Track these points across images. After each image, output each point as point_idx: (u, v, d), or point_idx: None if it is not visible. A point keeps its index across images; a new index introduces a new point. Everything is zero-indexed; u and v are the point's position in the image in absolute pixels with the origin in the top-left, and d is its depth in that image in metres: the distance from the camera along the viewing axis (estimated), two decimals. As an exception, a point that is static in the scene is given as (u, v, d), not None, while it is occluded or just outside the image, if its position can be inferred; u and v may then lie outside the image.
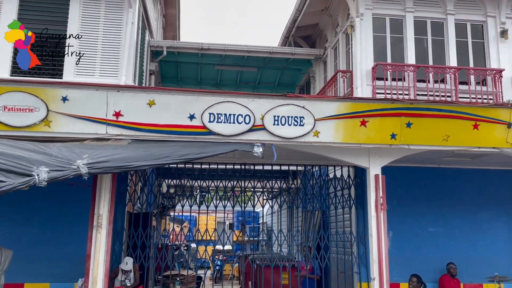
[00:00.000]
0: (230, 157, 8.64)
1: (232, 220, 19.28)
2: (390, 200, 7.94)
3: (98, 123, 5.98)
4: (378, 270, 6.15)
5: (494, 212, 8.85)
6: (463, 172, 8.94)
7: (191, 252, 11.76)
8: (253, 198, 9.95)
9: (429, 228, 8.75)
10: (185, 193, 9.49)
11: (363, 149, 6.63)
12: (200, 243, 9.64)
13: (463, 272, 8.35)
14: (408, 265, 8.25)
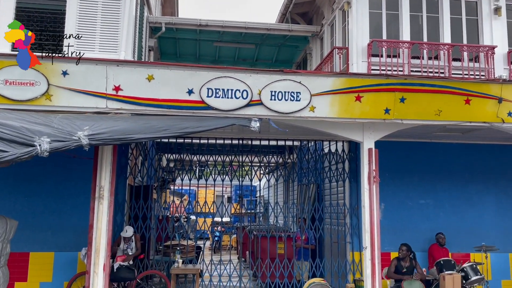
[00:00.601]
0: (228, 132, 8.85)
1: (231, 194, 19.64)
2: (382, 173, 8.19)
3: (98, 97, 6.11)
4: (370, 239, 6.42)
5: (482, 185, 9.15)
6: (453, 146, 9.19)
7: (191, 223, 12.09)
8: (250, 172, 10.19)
9: (420, 200, 9.06)
10: (184, 167, 9.72)
11: (358, 123, 6.81)
12: (199, 215, 9.94)
13: (451, 242, 8.70)
14: (399, 235, 8.59)
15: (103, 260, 5.87)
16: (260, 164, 10.01)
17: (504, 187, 9.19)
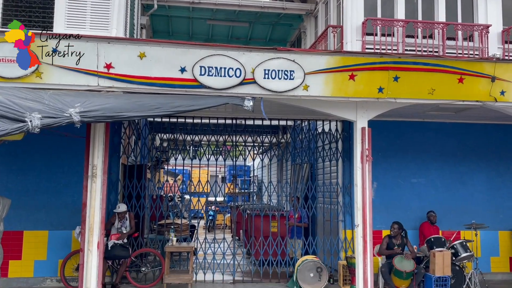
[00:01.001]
0: (222, 112, 8.82)
1: (224, 174, 19.70)
2: (375, 152, 8.25)
3: (89, 75, 6.03)
4: (362, 217, 6.49)
5: (474, 164, 9.24)
6: (445, 126, 9.24)
7: (185, 203, 12.15)
8: (244, 152, 10.21)
9: (412, 179, 9.15)
10: (178, 147, 9.70)
11: (351, 102, 6.81)
12: (193, 194, 9.97)
13: (442, 220, 8.83)
14: (390, 214, 8.69)
15: (97, 238, 5.90)
16: (253, 144, 10.02)
17: (495, 165, 9.29)
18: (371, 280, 6.24)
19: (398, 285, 7.55)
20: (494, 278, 8.92)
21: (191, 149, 10.80)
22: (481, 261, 8.65)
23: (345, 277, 8.28)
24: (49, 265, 8.06)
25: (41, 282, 8.05)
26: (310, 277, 8.03)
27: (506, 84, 6.43)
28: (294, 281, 8.12)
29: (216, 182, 9.44)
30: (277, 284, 8.49)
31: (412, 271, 7.46)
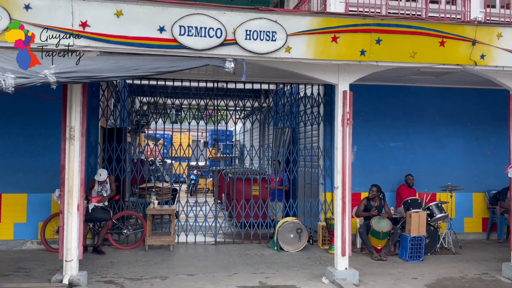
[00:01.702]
0: (203, 74, 8.68)
1: (206, 138, 19.67)
2: (356, 116, 8.25)
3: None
4: (341, 180, 6.57)
5: (451, 129, 9.41)
6: (426, 90, 9.33)
7: (167, 167, 12.14)
8: (226, 116, 10.15)
9: (391, 143, 9.29)
10: (158, 110, 9.58)
11: (333, 65, 6.75)
12: (175, 159, 9.94)
13: (419, 182, 9.05)
14: (369, 176, 8.87)
15: (76, 200, 5.86)
16: (235, 108, 9.96)
17: (472, 130, 9.47)
18: (349, 240, 6.40)
19: (375, 244, 7.80)
20: (466, 238, 9.28)
21: (172, 113, 10.69)
22: (455, 222, 8.96)
23: (324, 238, 8.49)
24: (29, 228, 8.03)
25: (22, 244, 8.04)
26: (290, 238, 8.22)
27: (486, 48, 6.44)
28: (274, 241, 8.30)
29: (198, 146, 9.40)
30: (258, 245, 8.67)
31: (388, 231, 7.69)
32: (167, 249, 8.11)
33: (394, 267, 7.25)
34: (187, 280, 6.34)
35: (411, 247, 7.59)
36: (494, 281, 6.60)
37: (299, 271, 6.87)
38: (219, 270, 6.84)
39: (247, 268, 7.01)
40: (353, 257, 7.34)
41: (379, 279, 6.52)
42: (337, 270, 6.33)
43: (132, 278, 6.34)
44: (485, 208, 9.51)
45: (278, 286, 6.10)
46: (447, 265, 7.41)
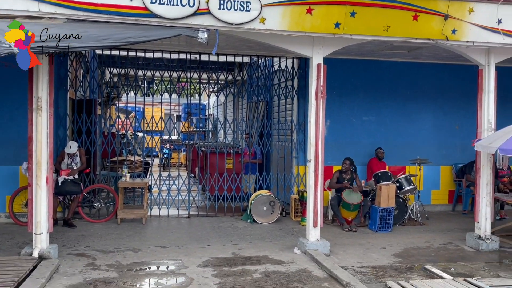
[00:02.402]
0: (175, 45, 8.49)
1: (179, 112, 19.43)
2: (329, 90, 8.28)
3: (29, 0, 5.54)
4: (314, 153, 6.62)
5: (422, 103, 9.59)
6: (398, 65, 9.42)
7: (138, 140, 11.97)
8: (199, 89, 10.01)
9: (363, 117, 9.41)
10: (129, 82, 9.35)
11: (308, 38, 6.70)
12: (147, 133, 9.79)
13: (390, 156, 9.25)
14: (342, 150, 8.99)
15: (45, 172, 5.71)
16: (209, 81, 9.82)
17: (441, 104, 9.68)
18: (320, 212, 6.51)
19: (346, 216, 7.98)
20: (433, 209, 9.61)
21: (144, 86, 10.46)
22: (423, 194, 9.25)
23: (296, 210, 8.63)
24: (-3, 201, 7.83)
25: (-11, 218, 7.85)
26: (264, 210, 8.31)
27: (458, 23, 6.51)
28: (248, 214, 8.37)
29: (170, 119, 9.28)
30: (231, 217, 8.73)
31: (359, 203, 7.87)
32: (140, 222, 8.07)
33: (363, 237, 7.45)
34: (160, 252, 6.35)
35: (381, 219, 7.81)
36: (458, 250, 6.89)
37: (272, 242, 6.98)
38: (193, 242, 6.87)
39: (220, 240, 7.07)
40: (324, 228, 7.48)
41: (349, 249, 6.70)
42: (309, 241, 6.46)
43: (104, 251, 6.30)
44: (451, 181, 9.83)
45: (251, 257, 6.19)
46: (414, 235, 7.68)
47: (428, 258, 6.38)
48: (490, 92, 6.88)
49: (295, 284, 5.10)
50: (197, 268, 5.63)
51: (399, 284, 4.89)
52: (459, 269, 5.88)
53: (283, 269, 5.64)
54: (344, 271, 5.46)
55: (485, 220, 6.91)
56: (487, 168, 6.91)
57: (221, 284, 5.06)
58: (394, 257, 6.41)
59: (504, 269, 5.91)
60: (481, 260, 6.37)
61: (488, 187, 6.91)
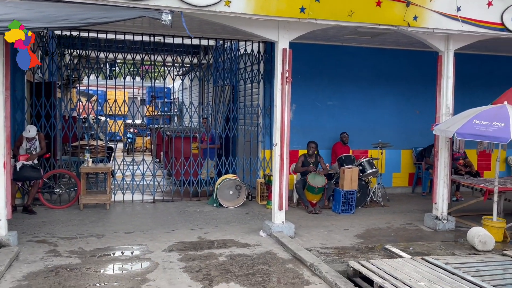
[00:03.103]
0: (138, 27, 8.27)
1: (143, 96, 19.03)
2: (295, 75, 8.32)
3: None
4: (280, 137, 6.67)
5: (384, 89, 9.81)
6: (362, 50, 9.57)
7: (101, 124, 11.67)
8: (163, 72, 9.85)
9: (328, 101, 9.54)
10: (91, 65, 9.06)
11: (273, 22, 6.68)
12: (110, 117, 9.56)
13: (354, 140, 9.45)
14: (307, 134, 9.11)
15: (2, 157, 5.49)
16: (173, 64, 9.66)
17: (403, 90, 9.93)
18: (286, 195, 6.60)
19: (311, 199, 8.13)
20: (394, 192, 9.94)
21: (105, 68, 10.16)
22: (384, 177, 9.54)
23: (262, 194, 8.71)
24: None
25: None
26: (230, 195, 8.34)
27: (419, 10, 6.66)
28: (214, 198, 8.38)
29: (134, 102, 9.08)
30: (197, 202, 8.72)
31: (323, 186, 8.02)
32: (103, 208, 7.93)
33: (327, 219, 7.63)
34: (125, 237, 6.28)
35: (344, 201, 8.01)
36: (416, 230, 7.17)
37: (238, 226, 7.04)
38: (158, 227, 6.83)
39: (186, 224, 7.06)
40: (289, 211, 7.61)
41: (313, 231, 6.85)
42: (274, 223, 6.55)
43: (66, 237, 6.17)
44: (411, 164, 10.18)
45: (216, 240, 6.22)
46: (375, 216, 7.93)
47: (389, 239, 6.61)
48: (449, 78, 7.12)
49: (261, 266, 5.18)
50: (162, 252, 5.61)
51: (360, 263, 5.05)
52: (417, 248, 6.13)
53: (248, 252, 5.71)
54: (308, 252, 5.59)
55: (442, 201, 7.22)
56: (444, 151, 7.19)
57: (187, 268, 5.07)
58: (356, 238, 6.60)
59: (459, 248, 6.21)
60: (438, 239, 6.66)
61: (446, 169, 7.19)
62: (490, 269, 5.03)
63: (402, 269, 4.85)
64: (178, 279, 4.73)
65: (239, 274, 4.90)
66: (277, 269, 5.13)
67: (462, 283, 4.51)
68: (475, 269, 4.99)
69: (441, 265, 5.01)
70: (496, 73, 10.23)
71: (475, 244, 6.07)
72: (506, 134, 5.79)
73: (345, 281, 4.63)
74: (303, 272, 5.02)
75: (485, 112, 6.32)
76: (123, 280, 4.69)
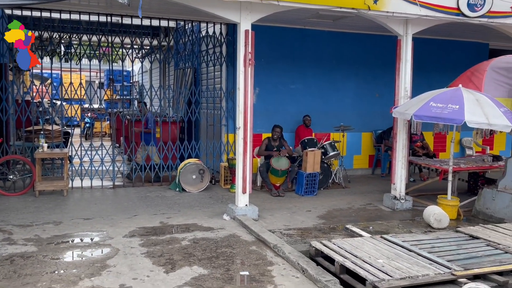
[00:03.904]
0: (94, 6, 7.94)
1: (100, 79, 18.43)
2: (258, 58, 8.28)
3: None
4: (243, 120, 6.63)
5: (346, 72, 9.92)
6: (324, 34, 9.61)
7: (57, 109, 11.20)
8: (122, 54, 9.54)
9: (291, 85, 9.56)
10: (44, 46, 8.62)
11: (235, 2, 6.57)
12: (67, 101, 9.17)
13: (316, 123, 9.55)
14: (271, 118, 9.12)
15: None
16: (132, 46, 9.36)
17: (364, 73, 10.08)
18: (249, 178, 6.60)
19: (274, 182, 8.18)
20: (355, 173, 10.16)
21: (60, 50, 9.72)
22: (346, 159, 9.72)
23: (226, 178, 8.67)
24: None
25: None
26: (193, 179, 8.25)
27: (380, -7, 6.74)
28: (176, 183, 8.28)
29: (91, 85, 8.74)
30: (159, 187, 8.58)
31: (286, 169, 8.08)
32: (60, 194, 7.67)
33: (290, 202, 7.71)
34: (83, 224, 6.10)
35: (307, 183, 8.10)
36: (376, 210, 7.37)
37: (201, 210, 6.99)
38: (118, 213, 6.67)
39: (147, 210, 6.94)
40: (253, 194, 7.64)
41: (276, 214, 6.91)
42: (238, 207, 6.54)
43: (21, 225, 5.92)
44: (372, 146, 10.41)
45: (179, 225, 6.15)
46: (337, 198, 8.08)
47: (350, 219, 6.76)
48: (407, 61, 7.27)
49: (224, 249, 5.17)
50: (123, 238, 5.50)
51: (322, 243, 5.14)
52: (376, 227, 6.31)
53: (212, 236, 5.68)
54: (271, 234, 5.63)
55: (400, 182, 7.43)
56: (403, 134, 7.38)
57: (149, 253, 4.99)
58: (318, 219, 6.71)
59: (416, 226, 6.44)
60: (396, 218, 6.88)
61: (404, 151, 7.40)
62: (445, 245, 5.24)
63: (362, 248, 4.97)
64: (139, 264, 4.65)
65: (202, 258, 4.87)
66: (240, 251, 5.14)
67: (418, 259, 4.67)
68: (430, 246, 5.18)
69: (398, 243, 5.17)
70: (451, 57, 10.56)
71: (431, 222, 6.31)
72: (461, 116, 6.00)
73: (307, 260, 4.70)
74: (267, 254, 5.05)
75: (441, 95, 6.52)
76: (82, 266, 4.56)
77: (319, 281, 4.21)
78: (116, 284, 4.16)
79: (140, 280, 4.27)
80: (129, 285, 4.16)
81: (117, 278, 4.31)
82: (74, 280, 4.23)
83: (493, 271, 4.43)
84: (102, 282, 4.19)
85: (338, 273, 4.57)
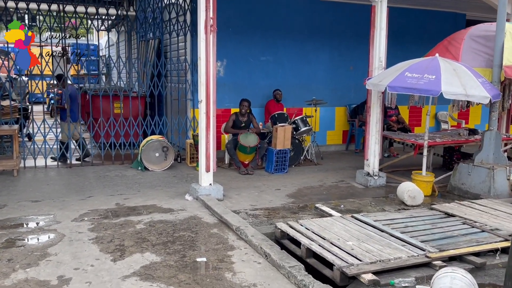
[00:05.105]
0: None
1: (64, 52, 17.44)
2: (225, 28, 7.76)
3: None
4: (205, 92, 6.13)
5: (319, 43, 9.42)
6: (296, 2, 9.06)
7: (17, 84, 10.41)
8: (86, 25, 8.83)
9: (261, 57, 9.03)
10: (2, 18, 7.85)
11: (197, -37, 6.00)
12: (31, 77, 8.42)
13: (287, 97, 9.08)
14: (239, 92, 8.61)
15: None
16: (97, 17, 8.63)
17: (337, 45, 9.61)
18: (213, 156, 6.12)
19: (242, 159, 7.74)
20: (328, 150, 9.80)
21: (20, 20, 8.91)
22: (318, 135, 9.33)
23: (192, 155, 8.19)
24: None
25: None
26: (156, 157, 7.75)
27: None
28: (138, 161, 7.76)
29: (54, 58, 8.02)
30: (120, 166, 8.04)
31: (255, 146, 7.63)
32: (11, 174, 7.07)
33: (259, 180, 7.30)
34: (31, 207, 5.56)
35: (277, 160, 7.69)
36: (348, 187, 7.04)
37: (163, 190, 6.52)
38: (71, 194, 6.15)
39: (104, 190, 6.42)
40: (221, 173, 7.21)
41: (243, 193, 6.49)
42: (201, 186, 6.09)
43: (-42, 210, 5.36)
44: (345, 122, 10.04)
45: (137, 206, 5.68)
46: (308, 175, 7.71)
47: (320, 197, 6.40)
48: (382, 29, 6.81)
49: (182, 233, 4.74)
50: (71, 222, 5.00)
51: (288, 224, 4.76)
52: (348, 205, 5.96)
53: (171, 218, 5.24)
54: (235, 215, 5.21)
55: (374, 158, 7.09)
56: (376, 107, 6.99)
57: (98, 238, 4.52)
58: (287, 197, 6.33)
59: (389, 203, 6.12)
60: (369, 195, 6.56)
61: (378, 125, 7.03)
62: (419, 224, 4.93)
63: (331, 229, 4.61)
64: (84, 252, 4.18)
65: (157, 243, 4.43)
66: (200, 235, 4.72)
67: (390, 240, 4.34)
68: (404, 225, 4.86)
69: (370, 223, 4.83)
70: (428, 28, 10.17)
71: (405, 199, 6.00)
72: (437, 86, 5.64)
73: (271, 244, 4.31)
74: (228, 237, 4.65)
75: (416, 65, 6.13)
76: (19, 255, 4.07)
77: (283, 267, 3.83)
78: (54, 276, 3.69)
79: (83, 270, 3.80)
80: (69, 276, 3.70)
81: (57, 268, 3.83)
82: (6, 272, 3.74)
83: (469, 252, 4.14)
84: (38, 274, 3.72)
85: (305, 257, 4.21)
